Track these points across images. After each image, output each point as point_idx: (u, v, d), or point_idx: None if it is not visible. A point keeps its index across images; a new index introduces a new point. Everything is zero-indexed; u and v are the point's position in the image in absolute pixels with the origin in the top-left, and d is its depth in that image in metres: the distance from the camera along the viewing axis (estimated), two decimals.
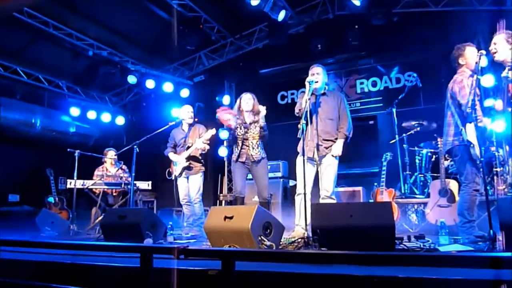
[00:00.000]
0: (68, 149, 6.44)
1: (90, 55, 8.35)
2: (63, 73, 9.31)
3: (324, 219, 3.48)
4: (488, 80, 5.28)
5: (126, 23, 8.21)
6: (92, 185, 6.70)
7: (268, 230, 3.64)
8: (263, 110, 5.12)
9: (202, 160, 5.91)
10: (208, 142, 5.82)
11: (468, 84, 3.96)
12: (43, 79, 9.13)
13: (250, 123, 5.18)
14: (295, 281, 2.27)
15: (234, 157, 5.21)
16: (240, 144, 5.19)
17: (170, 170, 6.00)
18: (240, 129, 5.21)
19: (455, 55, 4.20)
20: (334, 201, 4.62)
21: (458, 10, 6.91)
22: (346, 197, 6.62)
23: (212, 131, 5.77)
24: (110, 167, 7.39)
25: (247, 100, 5.22)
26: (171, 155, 5.98)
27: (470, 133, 3.88)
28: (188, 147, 5.80)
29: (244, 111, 5.23)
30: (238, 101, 5.31)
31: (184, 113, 5.99)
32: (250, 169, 5.16)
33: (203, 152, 5.83)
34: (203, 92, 9.57)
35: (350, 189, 6.73)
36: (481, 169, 3.83)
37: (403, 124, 6.56)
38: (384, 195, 5.76)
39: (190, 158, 5.80)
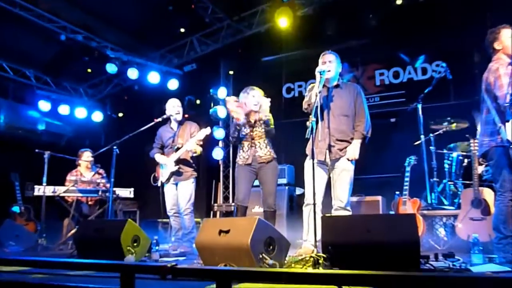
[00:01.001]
0: (37, 150, 6.45)
1: (62, 40, 8.36)
2: (31, 61, 9.32)
3: (337, 233, 3.48)
4: None
5: (105, 2, 8.21)
6: (64, 192, 6.71)
7: (271, 247, 3.64)
8: (266, 102, 5.09)
9: (193, 164, 5.90)
10: (201, 143, 5.80)
11: (506, 73, 3.95)
12: (7, 68, 9.14)
13: (255, 121, 5.18)
14: None
15: (239, 160, 5.21)
16: (245, 145, 5.20)
17: (156, 175, 5.99)
18: (245, 128, 5.20)
19: (490, 40, 4.21)
20: (349, 213, 4.62)
21: None
22: (363, 208, 6.61)
23: (206, 131, 5.73)
24: (85, 171, 7.39)
25: (257, 98, 5.18)
26: (158, 157, 5.97)
27: (510, 131, 3.87)
28: (178, 149, 5.78)
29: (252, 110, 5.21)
30: (245, 93, 5.23)
31: (170, 108, 5.97)
32: (258, 172, 5.16)
33: (195, 154, 5.81)
34: (195, 83, 9.58)
35: (368, 198, 6.72)
36: None
37: (430, 123, 6.56)
38: (407, 205, 5.75)
39: (179, 161, 5.79)
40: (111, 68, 8.90)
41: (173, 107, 5.94)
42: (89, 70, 9.04)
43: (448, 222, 6.05)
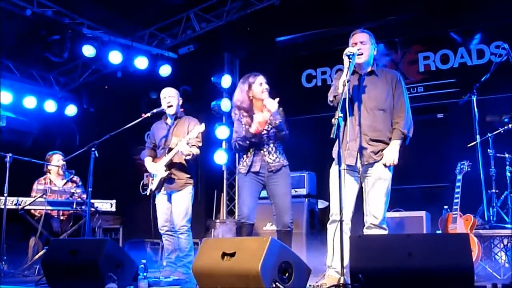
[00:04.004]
0: None
1: (28, 16, 8.40)
2: None
3: (370, 258, 3.48)
4: None
5: None
6: (30, 204, 6.75)
7: (287, 274, 3.65)
8: (273, 104, 5.08)
9: (189, 170, 5.89)
10: (198, 143, 5.78)
11: None
12: None
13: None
14: None
15: (242, 168, 5.23)
16: (251, 149, 5.22)
17: (146, 182, 6.00)
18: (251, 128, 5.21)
19: None
20: (385, 232, 4.62)
21: None
22: (403, 226, 6.59)
23: (200, 128, 5.68)
24: (56, 179, 7.43)
25: (265, 85, 5.20)
26: (146, 162, 6.01)
27: None
28: (171, 150, 5.78)
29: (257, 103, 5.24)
30: (245, 86, 5.26)
31: (162, 99, 5.98)
32: (266, 183, 5.18)
33: (188, 157, 5.78)
34: (192, 69, 9.60)
35: (409, 214, 6.71)
36: None
37: (488, 119, 6.53)
38: (459, 223, 5.73)
39: (171, 165, 5.80)
40: (88, 50, 8.92)
41: (164, 98, 5.94)
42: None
43: (510, 245, 6.02)
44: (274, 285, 3.49)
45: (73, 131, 10.43)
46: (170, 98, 5.92)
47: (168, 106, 5.89)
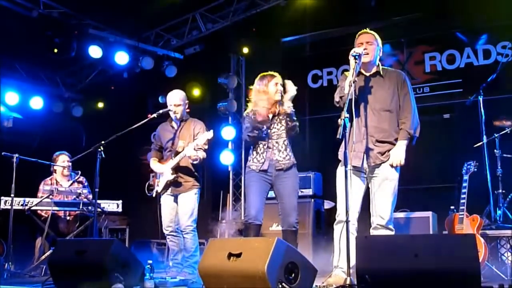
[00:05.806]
0: (3, 153, 6.51)
1: (34, 17, 8.42)
2: None
3: (376, 258, 3.47)
4: None
5: None
6: (37, 205, 6.77)
7: (293, 274, 3.65)
8: (292, 88, 5.12)
9: (196, 173, 5.89)
10: (204, 146, 5.77)
11: None
12: None
13: (274, 116, 5.20)
14: None
15: (253, 164, 5.22)
16: (260, 145, 5.22)
17: (152, 183, 6.00)
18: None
19: None
20: (392, 233, 4.62)
21: None
22: (409, 227, 6.58)
23: (208, 134, 5.66)
24: (62, 179, 7.44)
25: (280, 86, 5.22)
26: (152, 164, 6.01)
27: None
28: (177, 153, 5.78)
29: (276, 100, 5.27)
30: (263, 82, 5.26)
31: (168, 101, 5.97)
32: (274, 182, 5.17)
33: (195, 162, 5.78)
34: (199, 70, 9.60)
35: (415, 214, 6.70)
36: None
37: (495, 120, 6.51)
38: (465, 224, 5.72)
39: (178, 169, 5.80)
40: (95, 51, 8.94)
41: (170, 106, 5.87)
42: (55, 50, 8.97)
43: None
44: (280, 286, 3.48)
45: (79, 132, 10.46)
46: (175, 107, 5.85)
47: (174, 113, 5.85)
